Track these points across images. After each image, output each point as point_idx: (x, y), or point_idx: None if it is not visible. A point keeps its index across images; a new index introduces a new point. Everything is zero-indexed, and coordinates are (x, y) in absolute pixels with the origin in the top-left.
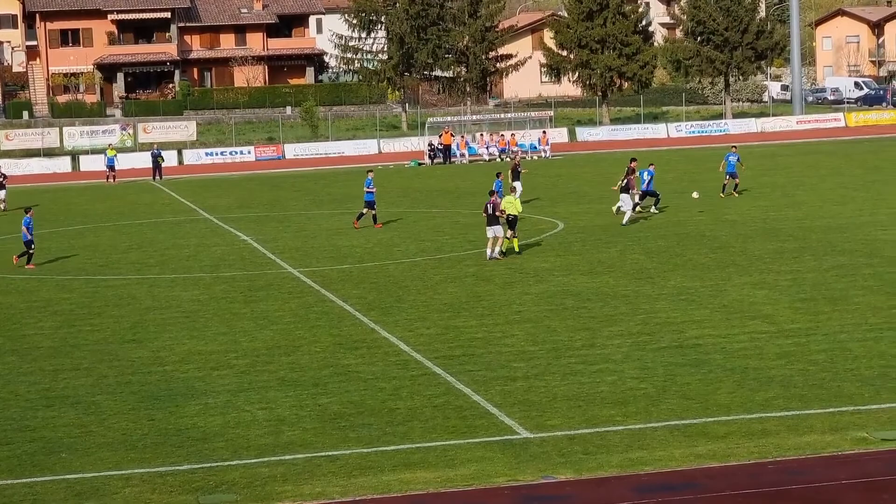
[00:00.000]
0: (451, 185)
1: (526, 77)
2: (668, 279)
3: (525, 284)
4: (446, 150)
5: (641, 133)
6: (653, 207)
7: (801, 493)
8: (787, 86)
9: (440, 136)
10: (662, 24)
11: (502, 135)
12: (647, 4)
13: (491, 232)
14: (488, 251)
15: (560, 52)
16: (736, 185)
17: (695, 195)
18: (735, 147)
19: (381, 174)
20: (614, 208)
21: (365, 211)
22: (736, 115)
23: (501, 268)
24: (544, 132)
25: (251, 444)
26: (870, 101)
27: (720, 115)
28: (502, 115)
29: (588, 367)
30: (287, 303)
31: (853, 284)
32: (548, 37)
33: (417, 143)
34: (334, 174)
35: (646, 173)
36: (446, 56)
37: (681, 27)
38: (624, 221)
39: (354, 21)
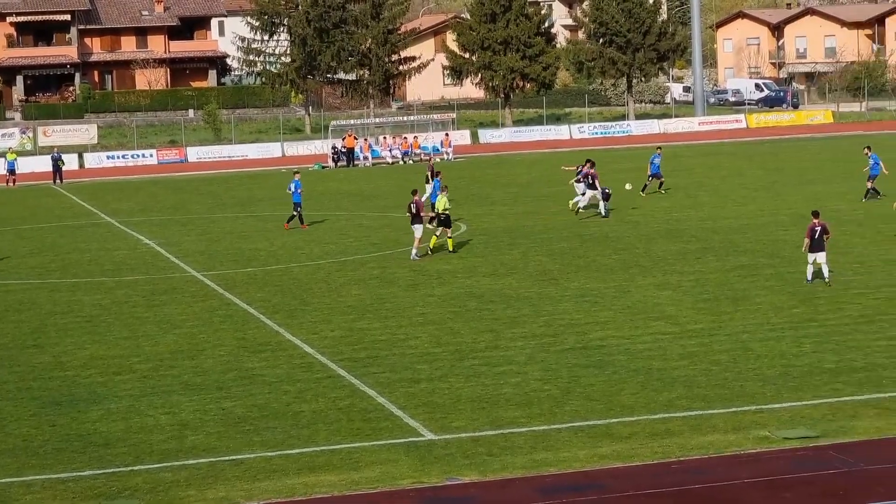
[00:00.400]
0: (354, 188)
1: (429, 79)
2: (571, 280)
3: (428, 286)
4: (350, 154)
5: (544, 134)
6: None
7: (704, 493)
8: (689, 87)
9: (343, 140)
10: (565, 26)
11: (405, 137)
12: (550, 6)
13: (417, 231)
14: (413, 251)
15: (463, 54)
16: (661, 184)
17: (627, 187)
18: (660, 148)
19: (285, 177)
20: (578, 203)
21: (295, 213)
22: (638, 117)
23: (405, 270)
24: (447, 134)
25: (154, 448)
26: (770, 103)
27: (623, 117)
28: (405, 118)
29: (492, 368)
30: (190, 306)
31: (755, 284)
32: (450, 39)
33: (321, 147)
34: (238, 177)
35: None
36: (349, 59)
37: (583, 29)
38: (580, 206)
39: (256, 23)
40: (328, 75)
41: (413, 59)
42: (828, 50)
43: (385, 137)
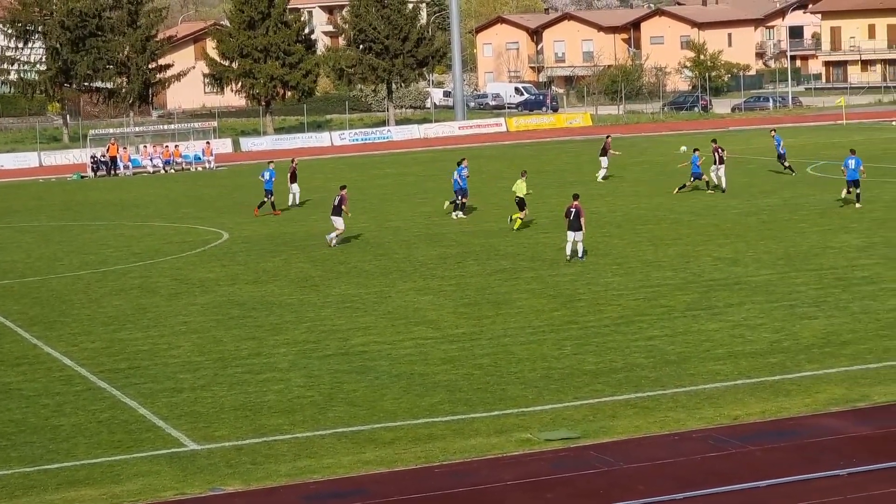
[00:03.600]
0: (114, 198)
1: (189, 87)
2: (332, 287)
3: (191, 295)
4: (112, 163)
5: (305, 142)
6: None
7: (468, 496)
8: (450, 92)
9: (107, 148)
10: (325, 33)
11: (166, 146)
12: (310, 13)
13: (338, 223)
14: (331, 236)
15: (223, 61)
16: (463, 205)
17: (682, 149)
18: (464, 159)
19: (42, 187)
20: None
21: (265, 200)
22: (399, 122)
23: (167, 279)
24: (208, 143)
25: None
26: (530, 106)
27: (383, 123)
28: (166, 127)
29: (255, 376)
30: None
31: (516, 288)
32: (210, 46)
33: (80, 156)
34: None
35: None
36: (107, 67)
37: (343, 35)
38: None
39: (10, 31)
40: (85, 84)
41: (171, 66)
42: (585, 54)
43: (146, 146)
